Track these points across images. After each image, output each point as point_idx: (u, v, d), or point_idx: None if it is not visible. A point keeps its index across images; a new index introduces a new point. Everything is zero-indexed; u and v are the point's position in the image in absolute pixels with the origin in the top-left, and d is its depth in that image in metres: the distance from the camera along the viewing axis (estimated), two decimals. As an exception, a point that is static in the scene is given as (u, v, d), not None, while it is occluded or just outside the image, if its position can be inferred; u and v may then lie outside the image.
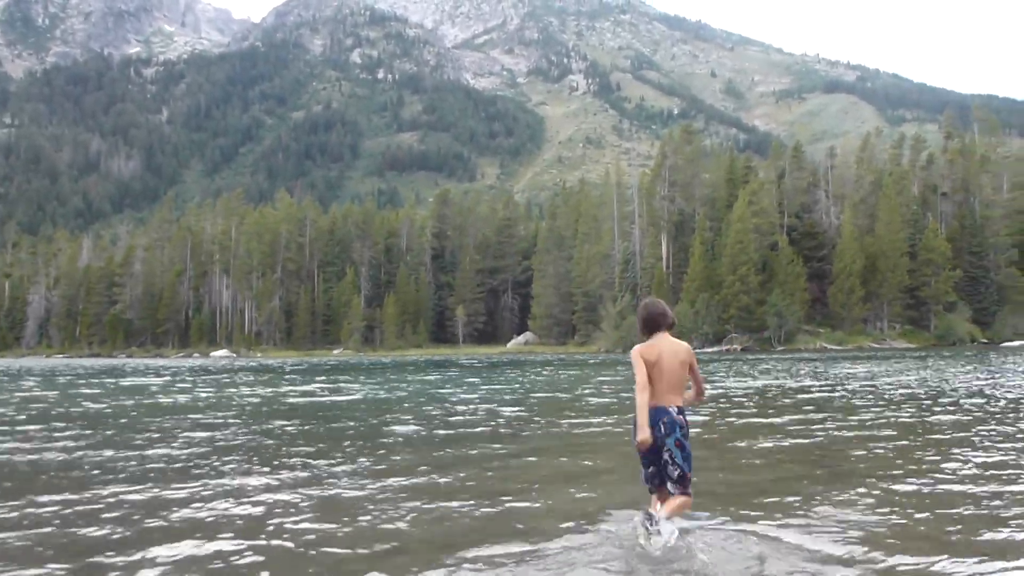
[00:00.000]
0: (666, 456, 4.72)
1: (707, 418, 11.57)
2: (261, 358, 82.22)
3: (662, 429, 4.70)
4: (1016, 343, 70.57)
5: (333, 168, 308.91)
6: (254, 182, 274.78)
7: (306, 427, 11.36)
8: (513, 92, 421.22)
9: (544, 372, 29.31)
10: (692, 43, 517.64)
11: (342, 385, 22.91)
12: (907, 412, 12.23)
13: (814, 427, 10.43)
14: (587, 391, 18.79)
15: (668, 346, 4.86)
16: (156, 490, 6.54)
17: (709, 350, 69.09)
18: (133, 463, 8.06)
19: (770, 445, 8.80)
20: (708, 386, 17.95)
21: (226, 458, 8.26)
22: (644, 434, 4.63)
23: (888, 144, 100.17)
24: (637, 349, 4.86)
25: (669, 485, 4.78)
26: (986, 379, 20.77)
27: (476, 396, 17.23)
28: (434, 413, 13.12)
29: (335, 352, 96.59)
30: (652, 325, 4.92)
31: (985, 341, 74.18)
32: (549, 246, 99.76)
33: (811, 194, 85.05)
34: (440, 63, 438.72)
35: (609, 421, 11.41)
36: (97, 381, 28.36)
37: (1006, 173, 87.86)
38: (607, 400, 15.55)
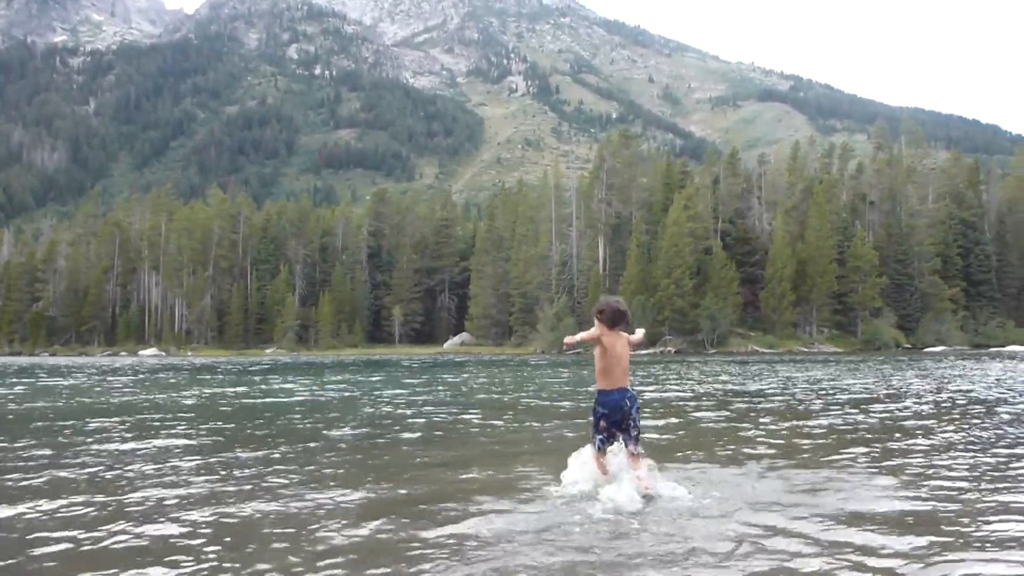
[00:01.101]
0: (630, 422, 5.75)
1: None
2: (192, 356, 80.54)
3: (628, 404, 5.74)
4: (938, 348, 73.14)
5: (268, 164, 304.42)
6: (185, 177, 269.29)
7: (240, 430, 11.18)
8: (452, 92, 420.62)
9: (481, 377, 29.31)
10: (631, 48, 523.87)
11: (276, 386, 22.59)
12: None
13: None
14: (528, 394, 18.86)
15: (622, 340, 5.85)
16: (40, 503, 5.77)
17: (644, 352, 69.93)
18: (37, 471, 7.81)
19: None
20: (688, 390, 18.29)
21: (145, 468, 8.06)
22: (572, 340, 5.88)
23: (819, 153, 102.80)
24: (601, 332, 5.81)
25: (631, 446, 5.75)
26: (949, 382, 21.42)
27: (418, 399, 17.16)
28: (375, 416, 13.03)
29: (268, 351, 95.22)
30: (617, 320, 5.83)
31: (909, 346, 76.67)
32: (487, 247, 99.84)
33: (745, 200, 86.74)
34: (379, 60, 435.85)
35: (553, 424, 11.45)
36: (15, 380, 27.44)
37: (931, 184, 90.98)
38: (550, 403, 15.61)
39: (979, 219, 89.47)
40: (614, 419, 5.73)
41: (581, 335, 5.75)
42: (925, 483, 6.38)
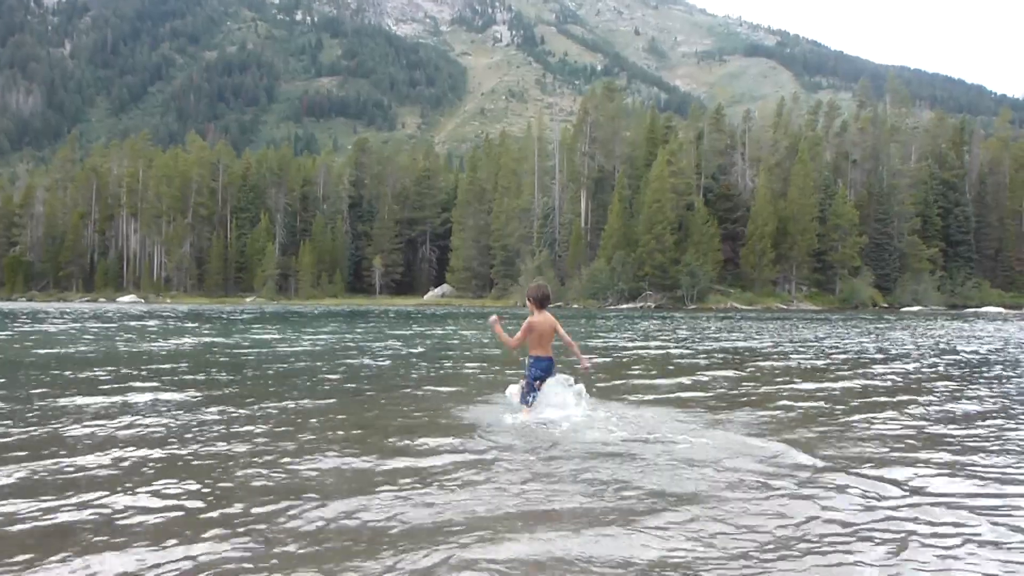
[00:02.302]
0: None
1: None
2: (171, 304, 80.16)
3: (554, 369, 7.24)
4: (915, 308, 74.00)
5: (247, 112, 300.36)
6: (163, 123, 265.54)
7: (245, 379, 11.16)
8: (436, 40, 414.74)
9: (468, 329, 29.38)
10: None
11: (274, 336, 22.55)
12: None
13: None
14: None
15: (548, 318, 7.30)
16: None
17: (624, 306, 70.34)
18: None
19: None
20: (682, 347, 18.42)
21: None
22: (501, 336, 7.22)
23: (804, 110, 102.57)
24: (530, 320, 7.24)
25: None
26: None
27: (421, 349, 17.19)
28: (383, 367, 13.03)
29: (248, 300, 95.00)
30: (544, 302, 7.36)
31: (886, 306, 77.47)
32: (469, 198, 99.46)
33: (728, 156, 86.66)
34: (361, 7, 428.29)
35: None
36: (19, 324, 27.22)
37: (914, 143, 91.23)
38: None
39: (960, 180, 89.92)
40: (543, 376, 7.18)
41: (506, 340, 7.25)
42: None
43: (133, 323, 30.87)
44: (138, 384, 9.87)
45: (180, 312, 48.81)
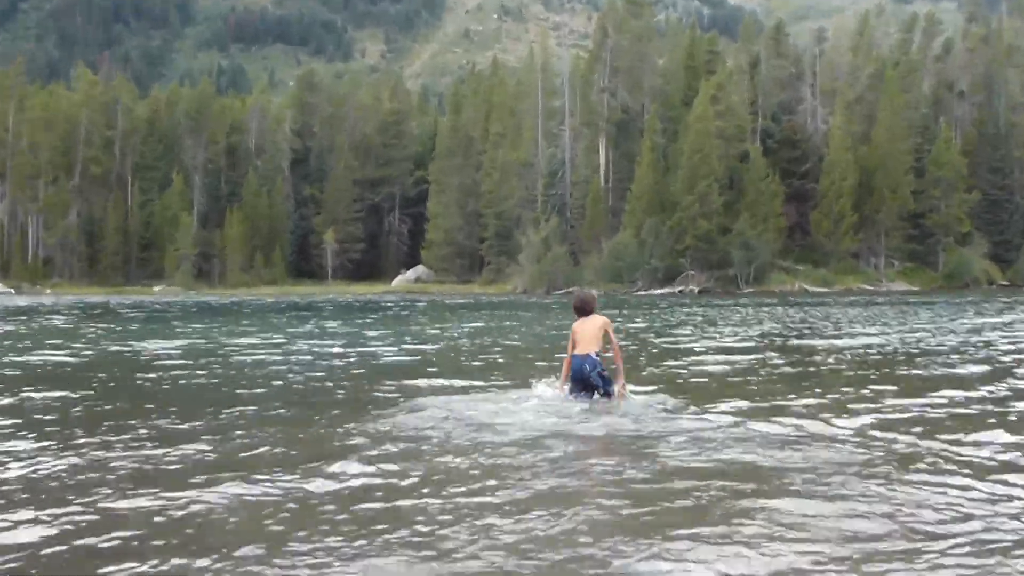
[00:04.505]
0: (593, 383, 9.19)
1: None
2: (53, 295, 79.80)
3: (587, 368, 9.07)
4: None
5: (154, 36, 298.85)
6: (41, 51, 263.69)
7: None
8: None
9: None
10: None
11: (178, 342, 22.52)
12: None
13: None
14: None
15: (590, 322, 9.25)
16: None
17: (658, 292, 70.32)
18: None
19: None
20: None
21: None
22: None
23: (894, 27, 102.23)
24: (572, 328, 9.44)
25: (604, 398, 9.28)
26: None
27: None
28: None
29: (157, 289, 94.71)
30: (582, 311, 9.42)
31: (1006, 283, 77.29)
32: (451, 150, 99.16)
33: (793, 90, 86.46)
34: None
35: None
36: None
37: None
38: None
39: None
40: (576, 377, 9.21)
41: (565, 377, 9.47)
42: None
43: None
44: None
45: (63, 306, 48.69)
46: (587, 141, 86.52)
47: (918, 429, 7.84)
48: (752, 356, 15.67)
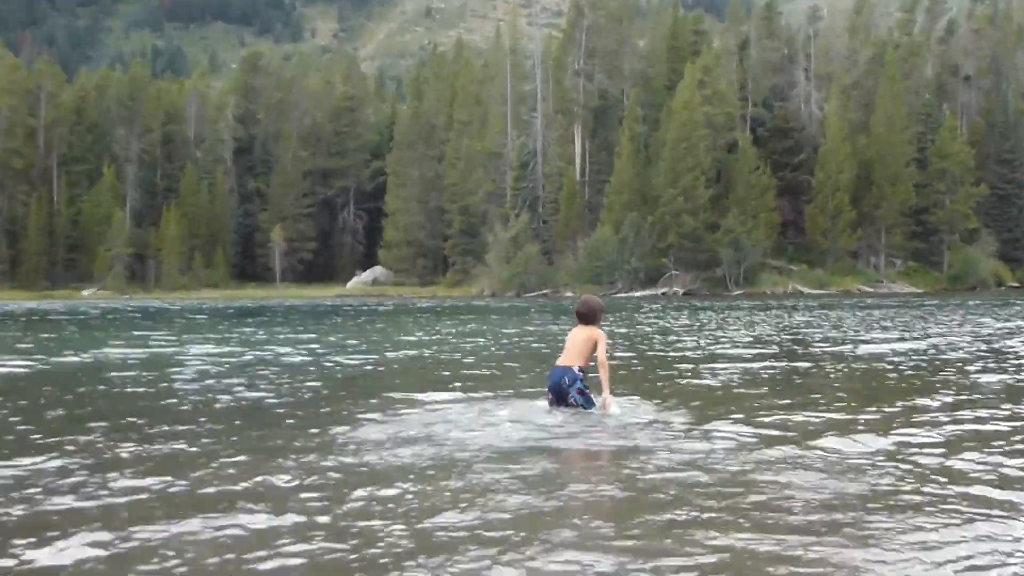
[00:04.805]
0: (568, 398, 9.30)
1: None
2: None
3: (566, 381, 9.27)
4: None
5: (81, 15, 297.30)
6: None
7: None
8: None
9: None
10: None
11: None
12: None
13: None
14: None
15: (583, 332, 9.43)
16: None
17: (639, 294, 70.49)
18: None
19: None
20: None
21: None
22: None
23: (894, 6, 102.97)
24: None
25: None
26: None
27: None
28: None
29: (86, 293, 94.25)
30: (584, 317, 9.56)
31: (1016, 284, 77.89)
32: (411, 139, 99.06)
33: (785, 74, 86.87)
34: None
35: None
36: None
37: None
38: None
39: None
40: (552, 390, 9.44)
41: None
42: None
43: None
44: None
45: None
46: (561, 129, 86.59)
47: (936, 451, 7.79)
48: (745, 365, 15.73)
